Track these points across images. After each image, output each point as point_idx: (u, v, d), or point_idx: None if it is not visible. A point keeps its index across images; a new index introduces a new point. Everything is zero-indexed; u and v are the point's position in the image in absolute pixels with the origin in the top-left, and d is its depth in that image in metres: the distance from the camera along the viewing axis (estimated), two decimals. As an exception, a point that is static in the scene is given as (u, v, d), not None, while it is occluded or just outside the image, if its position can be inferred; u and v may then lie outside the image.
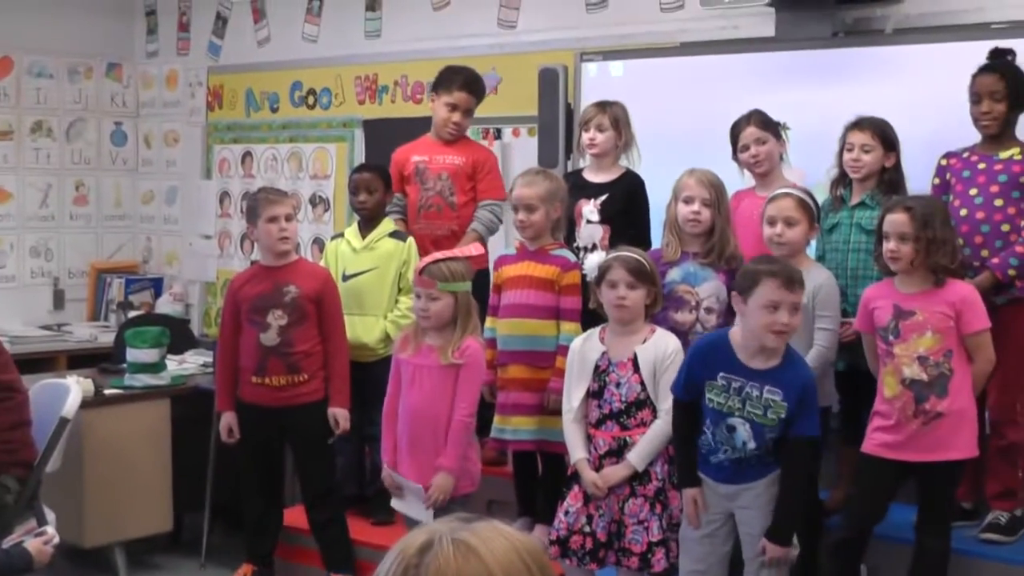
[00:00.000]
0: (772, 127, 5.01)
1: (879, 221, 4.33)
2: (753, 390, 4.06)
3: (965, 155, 4.76)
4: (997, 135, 4.70)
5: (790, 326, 4.03)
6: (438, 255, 4.76)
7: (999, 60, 4.71)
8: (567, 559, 4.39)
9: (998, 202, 4.62)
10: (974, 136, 4.77)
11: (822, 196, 4.88)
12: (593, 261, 4.49)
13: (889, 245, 4.23)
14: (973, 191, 4.67)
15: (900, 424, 4.25)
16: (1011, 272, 4.56)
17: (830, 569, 4.41)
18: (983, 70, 4.69)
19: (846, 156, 4.80)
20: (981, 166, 4.69)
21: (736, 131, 5.03)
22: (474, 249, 5.09)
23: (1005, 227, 4.62)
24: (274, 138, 7.95)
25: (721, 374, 4.10)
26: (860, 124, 4.80)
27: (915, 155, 4.84)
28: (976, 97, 4.69)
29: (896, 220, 4.22)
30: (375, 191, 5.69)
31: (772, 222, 4.56)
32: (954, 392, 4.21)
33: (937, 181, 4.81)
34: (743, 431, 4.08)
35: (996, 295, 4.56)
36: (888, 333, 4.26)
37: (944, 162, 4.81)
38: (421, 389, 4.65)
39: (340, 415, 5.20)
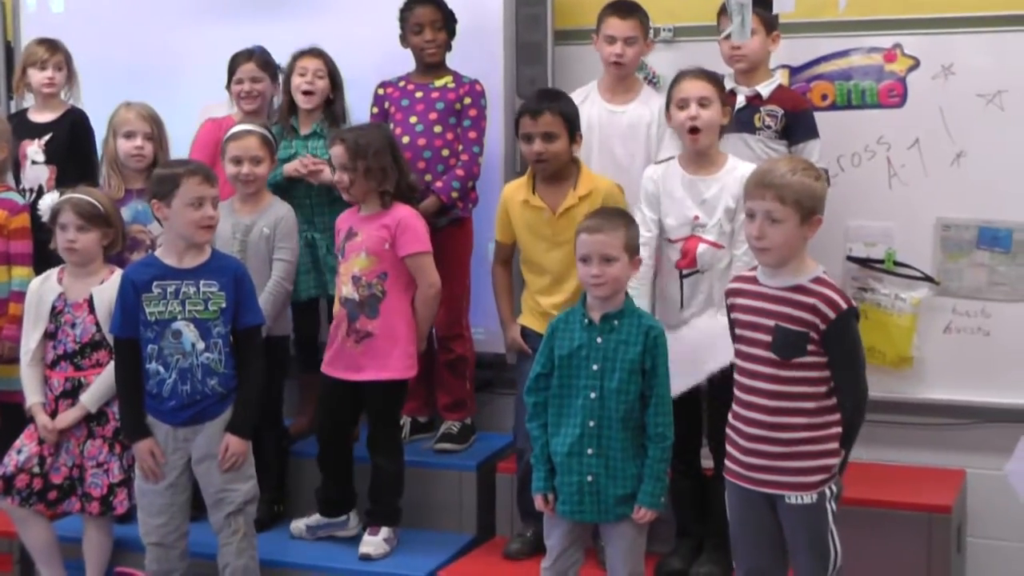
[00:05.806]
0: (271, 68, 5.03)
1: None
2: (190, 288, 4.09)
3: (401, 84, 4.95)
4: (436, 65, 4.90)
5: (214, 219, 4.11)
6: None
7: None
8: (10, 497, 4.32)
9: (437, 128, 4.84)
10: (404, 67, 4.97)
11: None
12: (46, 203, 4.45)
13: (333, 176, 4.36)
14: (413, 119, 4.86)
15: (337, 342, 4.41)
16: (454, 195, 4.81)
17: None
18: (418, 2, 4.87)
19: (298, 81, 4.87)
20: (419, 95, 4.89)
21: (234, 64, 5.01)
22: None
23: (445, 152, 4.85)
24: None
25: (154, 284, 4.09)
26: (311, 52, 4.89)
27: (352, 86, 5.01)
28: (418, 28, 4.87)
29: (333, 152, 4.35)
30: None
31: (237, 161, 4.57)
32: (385, 313, 4.37)
33: (376, 110, 4.97)
34: (189, 333, 4.08)
35: (441, 217, 4.78)
36: (339, 253, 4.41)
37: (381, 91, 4.97)
38: None
39: None
